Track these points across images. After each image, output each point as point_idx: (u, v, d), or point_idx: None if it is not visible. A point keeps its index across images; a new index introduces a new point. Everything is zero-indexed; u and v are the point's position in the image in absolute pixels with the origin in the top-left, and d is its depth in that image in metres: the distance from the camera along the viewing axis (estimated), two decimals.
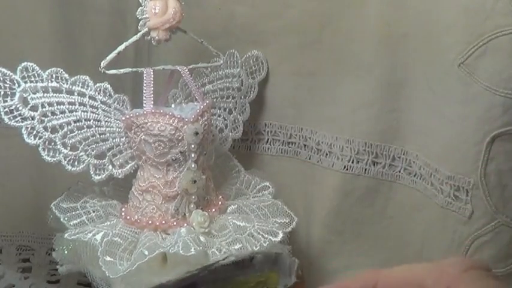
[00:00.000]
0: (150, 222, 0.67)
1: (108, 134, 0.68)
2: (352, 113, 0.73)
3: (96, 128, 0.67)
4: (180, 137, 0.65)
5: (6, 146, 0.85)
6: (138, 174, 0.68)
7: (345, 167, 0.74)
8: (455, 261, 0.31)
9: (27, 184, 0.88)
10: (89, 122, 0.67)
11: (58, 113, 0.66)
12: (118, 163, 0.68)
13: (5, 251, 0.91)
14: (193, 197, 0.67)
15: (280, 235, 0.66)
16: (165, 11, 0.66)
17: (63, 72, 0.66)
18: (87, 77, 0.67)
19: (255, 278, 0.35)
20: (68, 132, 0.66)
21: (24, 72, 0.65)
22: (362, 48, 0.71)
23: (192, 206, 0.67)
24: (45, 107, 0.65)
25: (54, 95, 0.66)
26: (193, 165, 0.66)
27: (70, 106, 0.66)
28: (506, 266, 0.65)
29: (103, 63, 0.65)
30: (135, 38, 0.67)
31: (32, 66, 0.65)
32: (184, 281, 0.35)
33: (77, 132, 0.66)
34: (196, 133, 0.65)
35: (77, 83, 0.67)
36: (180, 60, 0.74)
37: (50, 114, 0.65)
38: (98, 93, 0.67)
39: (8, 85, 0.64)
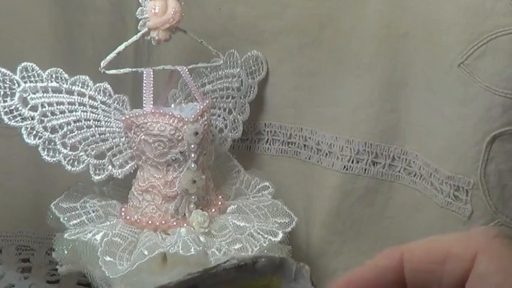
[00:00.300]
0: (149, 222, 0.67)
1: (108, 134, 0.68)
2: (352, 113, 0.73)
3: (96, 128, 0.67)
4: (179, 137, 0.65)
5: (6, 146, 0.85)
6: (137, 174, 0.68)
7: (344, 167, 0.74)
8: (483, 229, 0.30)
9: (27, 184, 0.88)
10: (88, 122, 0.67)
11: (58, 113, 0.66)
12: (118, 163, 0.68)
13: (5, 251, 0.91)
14: (193, 197, 0.67)
15: (280, 235, 0.66)
16: (165, 11, 0.66)
17: (63, 72, 0.66)
18: (87, 77, 0.67)
19: (258, 282, 0.35)
20: (68, 132, 0.66)
21: (24, 72, 0.65)
22: (362, 48, 0.71)
23: (191, 206, 0.67)
24: (45, 107, 0.65)
25: (54, 95, 0.66)
26: (193, 165, 0.66)
27: (70, 106, 0.66)
28: None
29: (103, 63, 0.65)
30: (134, 38, 0.67)
31: (31, 66, 0.65)
32: (185, 283, 0.34)
33: (76, 132, 0.66)
34: (196, 133, 0.65)
35: (77, 83, 0.67)
36: (180, 60, 0.74)
37: (49, 114, 0.65)
38: (98, 93, 0.67)
39: (7, 85, 0.64)
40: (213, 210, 0.69)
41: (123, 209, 0.69)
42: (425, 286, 0.30)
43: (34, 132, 0.65)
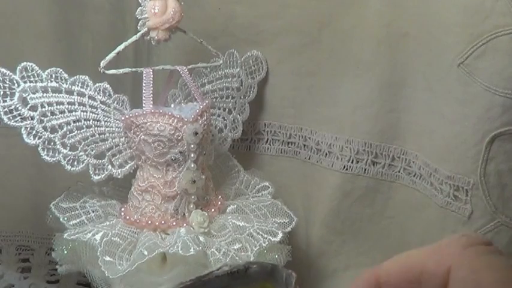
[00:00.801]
0: (149, 222, 0.67)
1: (107, 134, 0.68)
2: (352, 113, 0.73)
3: (96, 128, 0.67)
4: (179, 137, 0.65)
5: (6, 146, 0.85)
6: (137, 174, 0.68)
7: (344, 167, 0.74)
8: (454, 240, 0.30)
9: (26, 184, 0.88)
10: (88, 122, 0.67)
11: (57, 113, 0.66)
12: (117, 163, 0.68)
13: (5, 251, 0.90)
14: (192, 197, 0.67)
15: (280, 235, 0.66)
16: (165, 11, 0.66)
17: (63, 72, 0.66)
18: (87, 77, 0.67)
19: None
20: (68, 132, 0.66)
21: (24, 72, 0.65)
22: (361, 48, 0.71)
23: (191, 206, 0.67)
24: (44, 107, 0.65)
25: (54, 95, 0.66)
26: (192, 165, 0.66)
27: (69, 106, 0.66)
28: None
29: (102, 63, 0.65)
30: (134, 38, 0.67)
31: (31, 66, 0.65)
32: None
33: (76, 132, 0.66)
34: (196, 133, 0.65)
35: (77, 83, 0.67)
36: (179, 60, 0.74)
37: (49, 114, 0.65)
38: (98, 93, 0.67)
39: (7, 85, 0.64)
40: (213, 210, 0.69)
41: (122, 209, 0.69)
42: None
43: (34, 132, 0.65)
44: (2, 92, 0.64)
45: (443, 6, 0.64)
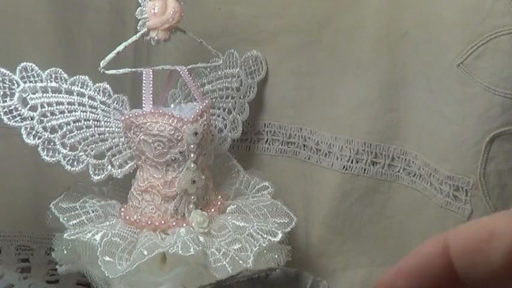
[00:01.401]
0: (149, 222, 0.67)
1: (107, 134, 0.68)
2: (352, 113, 0.73)
3: (96, 128, 0.67)
4: (179, 137, 0.65)
5: (6, 146, 0.85)
6: (137, 174, 0.68)
7: (344, 167, 0.74)
8: None
9: (26, 184, 0.88)
10: (88, 122, 0.67)
11: (57, 113, 0.66)
12: (117, 163, 0.68)
13: (5, 251, 0.91)
14: (192, 197, 0.67)
15: (280, 235, 0.66)
16: (164, 11, 0.66)
17: (63, 72, 0.66)
18: (87, 77, 0.67)
19: None
20: (67, 133, 0.66)
21: (24, 73, 0.65)
22: (361, 48, 0.71)
23: (191, 206, 0.67)
24: (44, 107, 0.65)
25: (54, 95, 0.66)
26: (192, 165, 0.66)
27: (69, 106, 0.66)
28: None
29: (102, 63, 0.65)
30: (134, 38, 0.67)
31: (31, 66, 0.65)
32: None
33: (76, 132, 0.66)
34: (196, 133, 0.65)
35: (76, 83, 0.67)
36: (179, 60, 0.74)
37: (49, 114, 0.65)
38: (97, 93, 0.67)
39: (7, 85, 0.64)
40: (213, 210, 0.69)
41: (122, 209, 0.69)
42: (475, 267, 0.30)
43: (34, 132, 0.65)
44: (2, 92, 0.64)
45: (443, 6, 0.64)
